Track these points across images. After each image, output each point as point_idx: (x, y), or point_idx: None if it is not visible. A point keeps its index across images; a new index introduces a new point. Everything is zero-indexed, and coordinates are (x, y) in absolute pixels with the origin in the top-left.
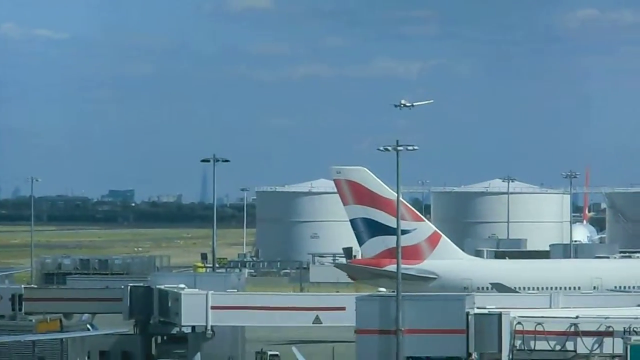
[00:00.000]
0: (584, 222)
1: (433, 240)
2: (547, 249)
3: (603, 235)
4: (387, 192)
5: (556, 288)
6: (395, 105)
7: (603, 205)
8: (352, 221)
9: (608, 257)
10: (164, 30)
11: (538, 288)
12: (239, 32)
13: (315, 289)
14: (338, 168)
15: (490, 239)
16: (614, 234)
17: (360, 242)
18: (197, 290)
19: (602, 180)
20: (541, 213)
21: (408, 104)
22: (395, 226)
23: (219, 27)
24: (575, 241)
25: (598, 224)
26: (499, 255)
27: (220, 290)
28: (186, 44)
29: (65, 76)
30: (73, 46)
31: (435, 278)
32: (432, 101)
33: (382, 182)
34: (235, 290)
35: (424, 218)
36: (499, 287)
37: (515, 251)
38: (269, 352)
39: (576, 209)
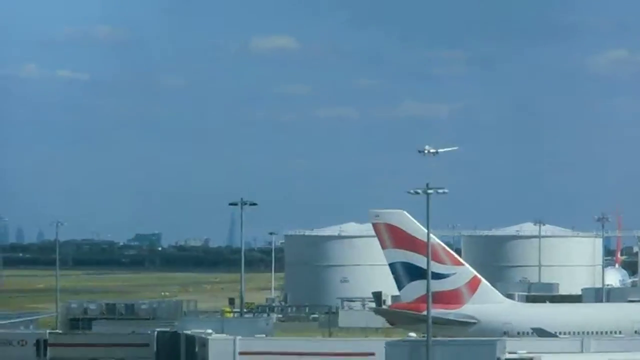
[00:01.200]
0: (616, 265)
1: (473, 285)
2: (579, 292)
3: (635, 279)
4: (426, 235)
5: (597, 333)
6: (420, 151)
7: (635, 249)
8: (391, 265)
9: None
10: (188, 70)
11: (579, 333)
12: (264, 73)
13: (344, 334)
14: (376, 211)
15: (521, 282)
16: None
17: (400, 287)
18: (224, 335)
19: (635, 224)
20: (573, 257)
21: (432, 150)
22: (435, 270)
23: (244, 67)
24: (608, 285)
25: (630, 267)
26: (530, 299)
27: (248, 335)
28: (211, 84)
29: (89, 117)
30: (95, 86)
31: (475, 323)
32: (456, 148)
33: (421, 226)
34: (264, 336)
35: (463, 262)
36: (540, 332)
37: (547, 295)
38: None
39: (608, 252)
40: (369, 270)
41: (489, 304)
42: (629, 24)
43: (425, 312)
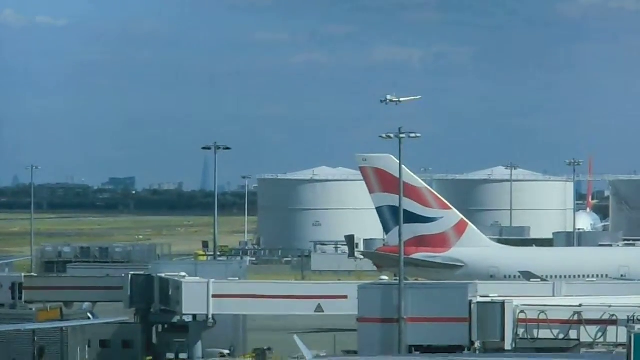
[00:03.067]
0: (588, 210)
1: (460, 228)
2: (551, 237)
3: (607, 223)
4: (414, 179)
5: (585, 276)
6: (381, 101)
7: (607, 193)
8: (379, 209)
9: (611, 245)
10: (163, 19)
11: (567, 276)
12: (239, 21)
13: (317, 278)
14: (364, 155)
15: (493, 226)
16: (618, 221)
17: (387, 230)
18: (198, 278)
19: (606, 168)
20: (544, 201)
21: (394, 99)
22: (422, 214)
23: (218, 16)
24: (579, 229)
25: (601, 211)
26: (501, 243)
27: (221, 278)
28: (186, 32)
29: (65, 63)
30: (72, 33)
31: (462, 266)
32: (419, 97)
33: (408, 170)
34: (237, 279)
35: (450, 206)
36: (528, 276)
37: (518, 239)
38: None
39: (580, 196)
40: (341, 214)
41: (475, 247)
42: None
43: (412, 256)
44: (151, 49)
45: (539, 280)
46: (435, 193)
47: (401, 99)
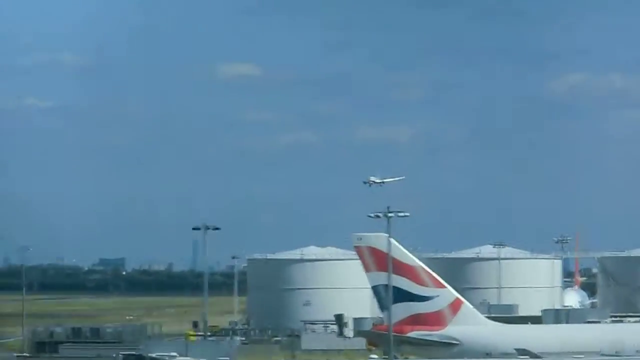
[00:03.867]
0: (576, 287)
1: (455, 306)
2: (539, 314)
3: (594, 300)
4: (409, 258)
5: (581, 353)
6: (364, 182)
7: (594, 270)
8: (374, 288)
9: (599, 322)
10: (151, 97)
11: (564, 354)
12: (228, 100)
13: (307, 357)
14: (359, 235)
15: (481, 304)
16: (606, 298)
17: (383, 309)
18: (189, 358)
19: (594, 245)
20: (533, 278)
21: (378, 181)
22: (418, 292)
23: (208, 94)
24: (567, 306)
25: (589, 288)
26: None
27: (212, 358)
28: (174, 111)
29: (53, 143)
30: (59, 112)
31: (457, 344)
32: (403, 177)
33: (403, 249)
34: (227, 359)
35: (445, 284)
36: (524, 353)
37: (507, 317)
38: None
39: (567, 274)
40: (330, 293)
41: (471, 326)
42: (589, 48)
43: (408, 334)
44: (137, 131)
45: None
46: (430, 271)
47: (385, 180)
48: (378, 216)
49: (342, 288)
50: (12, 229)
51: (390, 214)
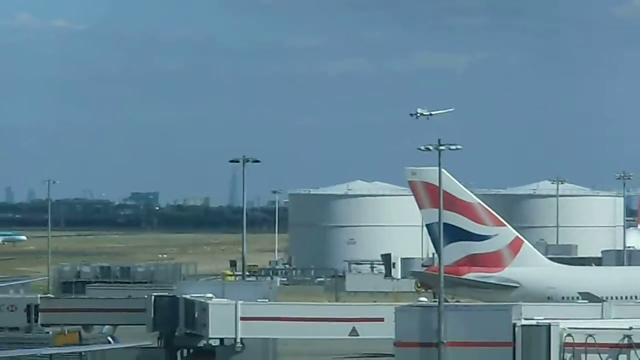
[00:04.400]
0: (639, 226)
1: (515, 246)
2: (599, 255)
3: None
4: (466, 194)
5: None
6: (411, 115)
7: None
8: (429, 226)
9: None
10: (191, 23)
11: (630, 298)
12: (273, 25)
13: (351, 299)
14: (413, 169)
15: (538, 244)
16: None
17: (438, 249)
18: (225, 300)
19: None
20: (593, 217)
21: (425, 113)
22: (475, 231)
23: (249, 20)
24: (629, 247)
25: None
26: None
27: (250, 300)
28: (215, 37)
29: (84, 71)
30: (93, 38)
31: (517, 287)
32: (452, 109)
33: (459, 184)
34: (267, 300)
35: (505, 222)
36: (588, 297)
37: (565, 258)
38: None
39: (630, 212)
40: (377, 231)
41: (532, 267)
42: None
43: (464, 276)
44: (174, 56)
45: (600, 303)
46: (489, 209)
47: (433, 112)
48: (428, 149)
49: (390, 226)
50: (37, 161)
51: (441, 147)
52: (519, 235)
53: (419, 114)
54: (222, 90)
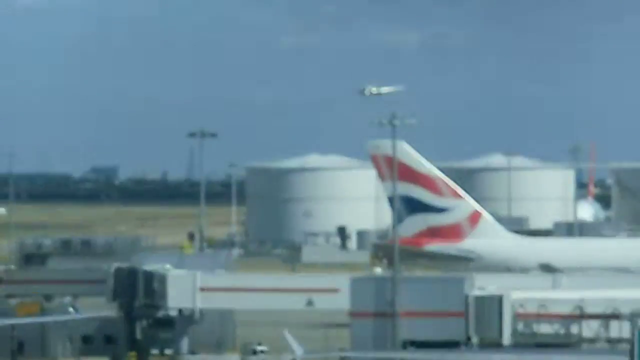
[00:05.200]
0: (589, 198)
1: (474, 218)
2: (551, 227)
3: (609, 213)
4: (426, 167)
5: (609, 268)
6: (361, 92)
7: (609, 181)
8: (390, 198)
9: (614, 236)
10: None
11: (590, 268)
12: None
13: (308, 270)
14: (376, 142)
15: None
16: (621, 211)
17: (399, 221)
18: (184, 271)
19: (609, 155)
20: (544, 189)
21: (374, 91)
22: (435, 203)
23: None
24: (580, 219)
25: (603, 200)
26: None
27: (208, 271)
28: (171, 9)
29: (42, 40)
30: (51, 8)
31: (476, 258)
32: (400, 88)
33: (421, 157)
34: (224, 272)
35: (464, 194)
36: (547, 269)
37: (518, 230)
38: (258, 348)
39: (581, 185)
40: (333, 204)
41: (491, 239)
42: None
43: (425, 248)
44: (130, 27)
45: (560, 273)
46: (448, 181)
47: (382, 90)
48: (382, 123)
49: (345, 198)
50: None
51: (395, 121)
52: (478, 207)
53: (368, 93)
54: (180, 64)
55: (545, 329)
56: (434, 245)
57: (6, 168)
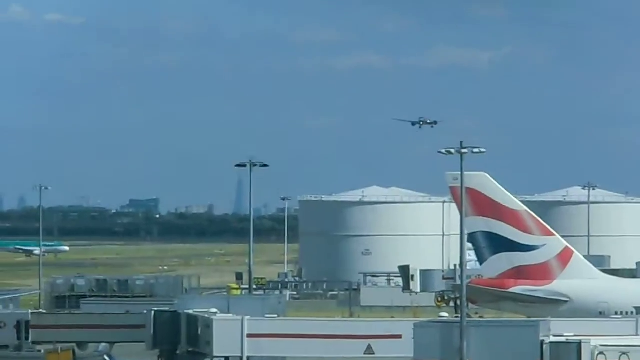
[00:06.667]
0: None
1: (564, 257)
2: (634, 267)
3: None
4: (511, 201)
5: None
6: (413, 124)
7: None
8: (471, 235)
9: None
10: (192, 17)
11: None
12: (281, 18)
13: (367, 314)
14: (454, 174)
15: None
16: None
17: (481, 260)
18: (231, 315)
19: None
20: (626, 225)
21: (429, 122)
22: (522, 241)
23: (254, 12)
24: None
25: None
26: None
27: (257, 315)
28: (217, 31)
29: (77, 68)
30: (87, 32)
31: (566, 301)
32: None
33: (505, 190)
34: (275, 316)
35: (553, 232)
36: None
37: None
38: None
39: None
40: (394, 241)
41: (582, 280)
42: None
43: (510, 289)
44: (175, 52)
45: None
46: (537, 217)
47: (438, 121)
48: (450, 152)
49: (408, 235)
50: (28, 165)
51: (464, 150)
52: (569, 246)
53: (421, 123)
54: (227, 88)
55: None
56: (521, 287)
57: (36, 201)
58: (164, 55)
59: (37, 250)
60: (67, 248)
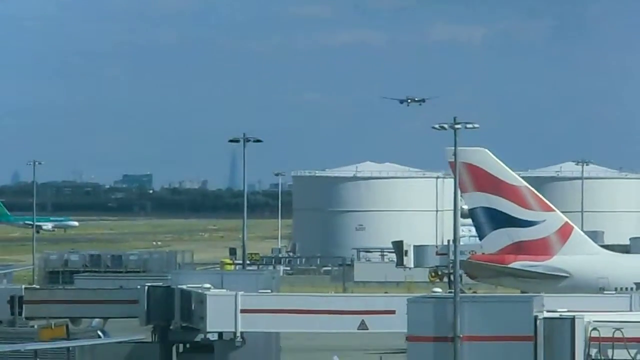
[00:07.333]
0: None
1: (564, 233)
2: (627, 242)
3: None
4: (510, 176)
5: None
6: (401, 102)
7: None
8: (472, 211)
9: None
10: None
11: None
12: None
13: (360, 290)
14: (454, 149)
15: None
16: None
17: (481, 236)
18: (224, 290)
19: None
20: (620, 201)
21: (417, 100)
22: (522, 216)
23: None
24: None
25: None
26: None
27: (251, 290)
28: (210, 7)
29: (72, 44)
30: (80, 8)
31: (566, 277)
32: (437, 96)
33: (505, 166)
34: (269, 291)
35: (553, 207)
36: None
37: None
38: None
39: None
40: (388, 217)
41: (582, 255)
42: None
43: (510, 265)
44: (169, 29)
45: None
46: (537, 193)
47: (425, 99)
48: (443, 127)
49: (402, 210)
50: (22, 141)
51: (457, 125)
52: (569, 221)
53: (409, 101)
54: (220, 64)
55: (621, 354)
56: (520, 262)
57: (30, 177)
58: (157, 32)
59: (46, 225)
60: (76, 223)
